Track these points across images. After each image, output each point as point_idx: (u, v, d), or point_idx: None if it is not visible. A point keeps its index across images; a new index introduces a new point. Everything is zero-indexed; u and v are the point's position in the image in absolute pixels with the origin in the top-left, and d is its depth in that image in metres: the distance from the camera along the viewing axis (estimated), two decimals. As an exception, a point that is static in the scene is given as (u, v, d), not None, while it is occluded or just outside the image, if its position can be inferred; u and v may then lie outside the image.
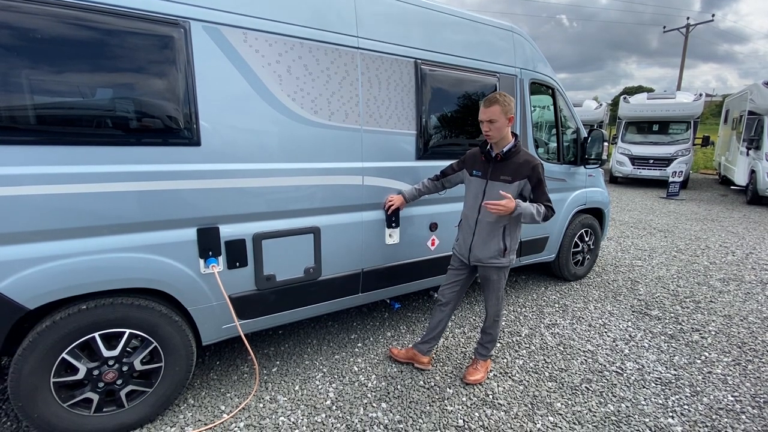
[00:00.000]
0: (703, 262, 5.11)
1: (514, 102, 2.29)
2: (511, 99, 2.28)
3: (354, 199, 2.64)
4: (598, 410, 2.37)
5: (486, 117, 2.26)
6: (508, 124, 2.27)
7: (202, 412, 2.29)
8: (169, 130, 1.99)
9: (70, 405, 1.94)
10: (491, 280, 2.48)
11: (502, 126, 2.26)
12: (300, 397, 2.44)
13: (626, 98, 12.54)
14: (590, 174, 4.17)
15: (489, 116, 2.24)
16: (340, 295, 2.74)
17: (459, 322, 3.40)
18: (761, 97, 9.04)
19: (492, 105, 2.24)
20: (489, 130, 2.28)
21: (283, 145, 2.32)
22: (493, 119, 2.24)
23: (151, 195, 1.96)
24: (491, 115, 2.24)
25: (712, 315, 3.63)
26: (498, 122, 2.24)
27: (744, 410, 2.39)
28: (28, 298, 1.77)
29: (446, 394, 2.49)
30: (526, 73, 3.48)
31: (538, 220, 2.28)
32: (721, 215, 7.97)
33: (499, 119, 2.23)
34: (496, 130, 2.26)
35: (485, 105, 2.27)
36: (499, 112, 2.22)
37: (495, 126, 2.25)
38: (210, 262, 2.16)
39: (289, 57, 2.28)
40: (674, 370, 2.78)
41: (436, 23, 2.88)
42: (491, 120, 2.24)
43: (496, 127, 2.25)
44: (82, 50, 1.75)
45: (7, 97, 1.64)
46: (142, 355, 2.07)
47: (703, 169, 16.01)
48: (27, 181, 1.70)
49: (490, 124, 2.26)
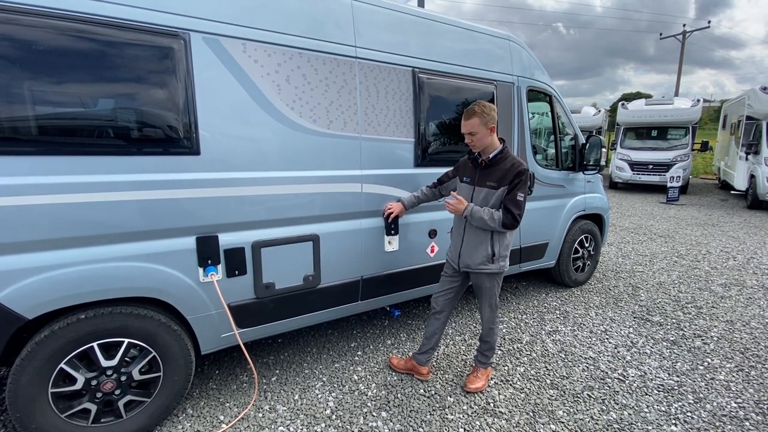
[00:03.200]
0: (704, 267, 5.09)
1: (494, 110, 2.30)
2: (491, 108, 2.28)
3: (353, 206, 2.65)
4: (600, 418, 2.34)
5: (466, 130, 2.31)
6: (490, 134, 2.29)
7: (201, 423, 2.27)
8: (169, 140, 2.00)
9: (68, 415, 1.93)
10: (483, 287, 2.47)
11: (483, 136, 2.28)
12: (299, 406, 2.42)
13: (625, 104, 12.62)
14: (589, 180, 4.18)
15: (468, 129, 2.29)
16: (339, 302, 2.74)
17: (459, 330, 3.38)
18: (759, 102, 9.08)
19: (470, 118, 2.27)
20: (471, 142, 2.33)
21: (282, 153, 2.34)
22: (473, 131, 2.28)
23: (150, 204, 1.97)
24: (470, 128, 2.28)
25: (714, 320, 3.61)
26: (478, 134, 2.27)
27: (748, 417, 2.37)
28: (27, 307, 1.77)
29: (447, 402, 2.47)
30: (524, 80, 3.51)
31: (493, 226, 2.26)
32: (722, 220, 7.96)
33: (478, 131, 2.26)
34: (477, 141, 2.30)
35: (464, 118, 2.30)
36: (478, 124, 2.25)
37: (476, 138, 2.29)
38: (209, 271, 2.16)
39: (288, 67, 2.30)
40: (677, 376, 2.76)
41: (434, 32, 2.91)
42: (471, 132, 2.29)
43: (477, 139, 2.29)
44: (84, 62, 1.78)
45: (9, 108, 1.65)
46: (140, 364, 2.06)
47: (702, 174, 16.02)
48: (27, 191, 1.71)
49: (470, 136, 2.31)
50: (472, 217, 2.30)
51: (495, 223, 2.25)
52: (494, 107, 2.31)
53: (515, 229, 2.35)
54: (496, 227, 2.26)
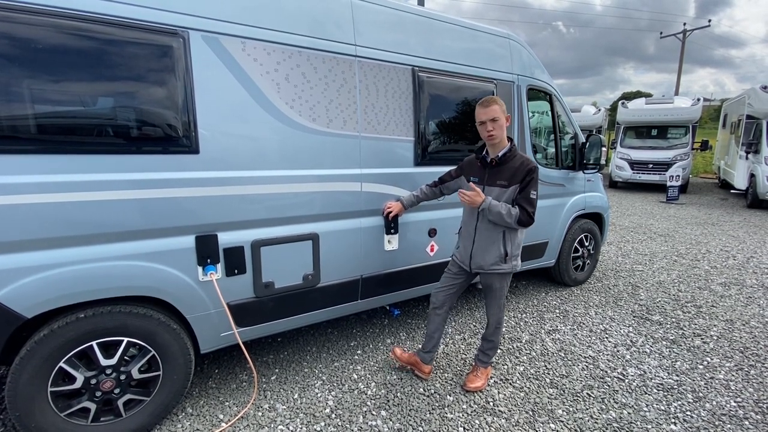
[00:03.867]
0: (704, 266, 5.10)
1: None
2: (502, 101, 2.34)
3: (352, 205, 2.64)
4: (600, 417, 2.35)
5: (488, 116, 2.25)
6: (506, 124, 2.30)
7: (201, 421, 2.27)
8: (168, 138, 2.00)
9: (68, 414, 1.93)
10: (494, 288, 2.46)
11: (503, 124, 2.28)
12: (299, 405, 2.43)
13: (625, 103, 12.61)
14: (589, 179, 4.17)
15: (491, 115, 2.24)
16: (339, 301, 2.73)
17: (459, 329, 3.38)
18: (759, 101, 9.08)
19: (491, 104, 2.25)
20: (492, 129, 2.26)
21: (282, 152, 2.33)
22: (496, 117, 2.24)
23: (149, 203, 1.97)
24: (493, 114, 2.23)
25: (713, 320, 3.61)
26: (500, 120, 2.25)
27: (747, 416, 2.37)
28: (26, 306, 1.76)
29: (446, 401, 2.47)
30: (524, 79, 3.50)
31: (509, 222, 2.24)
32: (722, 219, 7.96)
33: (500, 117, 2.25)
34: (499, 128, 2.26)
35: (484, 105, 2.27)
36: (499, 110, 2.25)
37: (498, 124, 2.25)
38: (208, 270, 2.16)
39: (288, 65, 2.30)
40: (676, 375, 2.76)
41: (434, 31, 2.91)
42: (494, 119, 2.24)
43: (499, 125, 2.25)
44: (83, 60, 1.77)
45: (7, 106, 1.65)
46: (140, 363, 2.06)
47: (702, 173, 16.02)
48: (26, 190, 1.70)
49: (493, 123, 2.25)
50: (490, 211, 2.25)
51: (512, 219, 2.23)
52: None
53: (529, 227, 2.34)
54: (512, 223, 2.24)
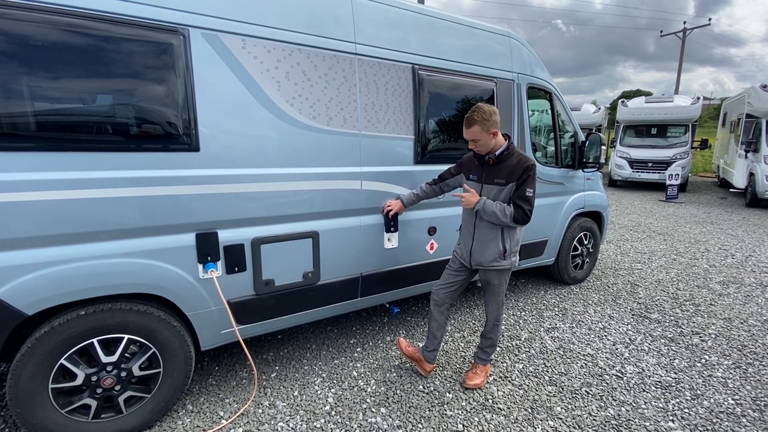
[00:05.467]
0: (702, 265, 5.11)
1: (495, 113, 2.26)
2: (491, 112, 2.24)
3: (352, 203, 2.65)
4: (599, 414, 2.36)
5: (468, 137, 2.31)
6: (493, 137, 2.29)
7: (201, 418, 2.28)
8: (169, 136, 2.00)
9: (69, 411, 1.94)
10: (492, 284, 2.48)
11: (487, 141, 2.29)
12: (299, 402, 2.44)
13: (624, 102, 12.60)
14: (588, 177, 4.18)
15: (470, 136, 2.30)
16: (339, 299, 2.74)
17: (458, 327, 3.39)
18: (759, 100, 9.07)
19: (471, 126, 2.26)
20: (475, 147, 2.34)
21: (282, 150, 2.34)
22: (475, 138, 2.28)
23: (150, 200, 1.97)
24: (472, 136, 2.28)
25: (712, 318, 3.62)
26: (481, 140, 2.28)
27: (745, 413, 2.38)
28: (27, 303, 1.77)
29: (446, 398, 2.48)
30: (524, 77, 3.50)
31: (504, 221, 2.27)
32: (721, 218, 7.97)
33: (481, 138, 2.27)
34: (482, 146, 2.31)
35: (465, 125, 2.30)
36: (480, 131, 2.25)
37: (479, 144, 2.30)
38: (209, 267, 2.17)
39: (288, 63, 2.30)
40: (674, 373, 2.77)
41: (434, 29, 2.90)
42: (473, 140, 2.30)
43: (481, 144, 2.30)
44: (84, 58, 1.77)
45: (7, 104, 1.65)
46: (140, 360, 2.06)
47: (702, 172, 16.03)
48: (26, 187, 1.70)
49: (473, 142, 2.31)
50: (484, 211, 2.30)
51: (507, 218, 2.26)
52: (495, 109, 2.27)
53: (527, 225, 2.35)
54: (508, 222, 2.27)
